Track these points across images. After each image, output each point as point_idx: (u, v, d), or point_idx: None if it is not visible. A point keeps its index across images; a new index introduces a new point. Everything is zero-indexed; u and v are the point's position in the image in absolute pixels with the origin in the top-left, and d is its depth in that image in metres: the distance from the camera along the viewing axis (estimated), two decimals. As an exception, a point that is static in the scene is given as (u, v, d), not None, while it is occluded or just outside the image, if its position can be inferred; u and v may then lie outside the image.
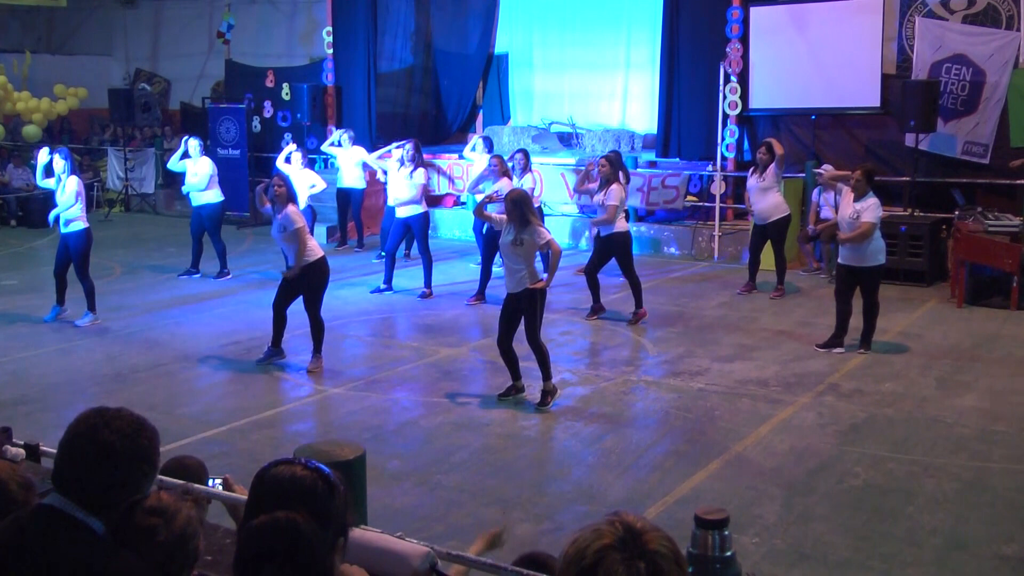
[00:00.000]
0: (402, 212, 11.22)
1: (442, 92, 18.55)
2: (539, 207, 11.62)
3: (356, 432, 6.77)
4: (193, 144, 12.40)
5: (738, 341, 9.16)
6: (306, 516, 2.07)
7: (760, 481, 5.92)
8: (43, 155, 10.14)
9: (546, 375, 7.34)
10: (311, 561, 2.04)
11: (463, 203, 15.36)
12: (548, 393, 7.32)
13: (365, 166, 13.98)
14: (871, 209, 8.46)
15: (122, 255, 14.00)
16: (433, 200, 15.15)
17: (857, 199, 8.54)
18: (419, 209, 11.19)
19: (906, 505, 5.57)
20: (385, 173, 12.34)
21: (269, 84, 17.68)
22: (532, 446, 6.66)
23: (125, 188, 18.73)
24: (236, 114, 16.97)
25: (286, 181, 8.55)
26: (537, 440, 6.77)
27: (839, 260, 8.83)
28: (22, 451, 3.47)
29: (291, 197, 8.39)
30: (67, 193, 9.60)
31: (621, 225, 10.01)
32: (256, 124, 17.47)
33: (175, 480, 3.15)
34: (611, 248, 10.00)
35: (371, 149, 14.12)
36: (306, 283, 8.23)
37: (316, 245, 8.38)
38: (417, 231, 11.38)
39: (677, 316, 10.19)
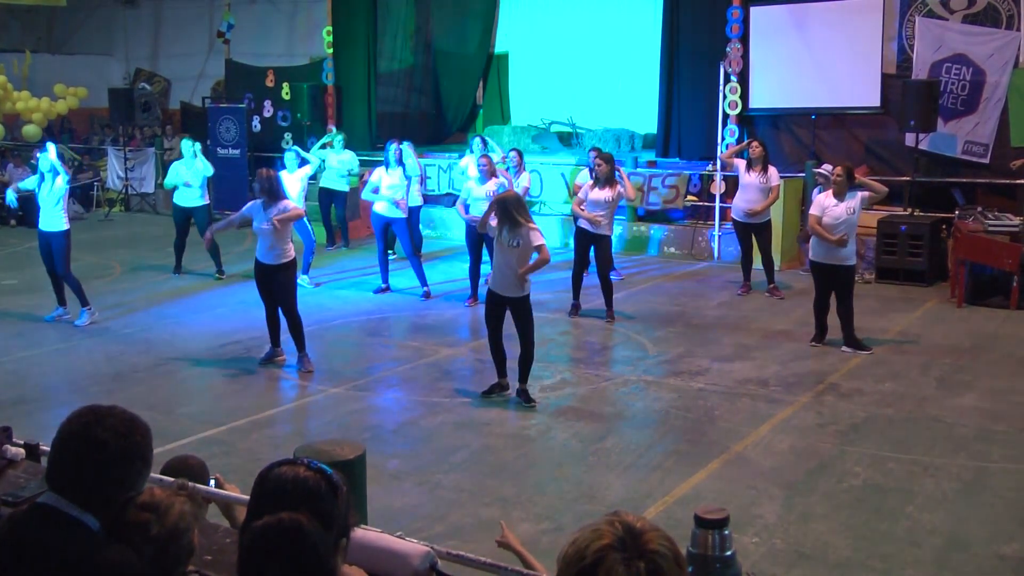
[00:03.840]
0: (381, 209, 11.06)
1: (442, 92, 18.56)
2: (539, 204, 11.65)
3: (356, 432, 6.77)
4: (187, 146, 12.38)
5: (738, 341, 9.16)
6: (309, 517, 2.06)
7: (760, 481, 5.92)
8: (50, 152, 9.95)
9: (524, 377, 7.43)
10: (315, 562, 2.04)
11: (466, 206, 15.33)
12: (526, 392, 7.41)
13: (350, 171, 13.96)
14: (861, 199, 8.61)
15: (122, 254, 14.00)
16: (434, 199, 15.16)
17: (842, 198, 8.58)
18: (399, 213, 11.00)
19: (906, 505, 5.57)
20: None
21: (269, 84, 17.68)
22: (532, 446, 6.66)
23: (125, 187, 18.73)
24: (236, 114, 16.98)
25: (278, 178, 8.51)
26: (537, 440, 6.77)
27: (816, 259, 8.79)
28: (22, 451, 3.47)
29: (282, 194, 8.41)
30: (54, 192, 9.60)
31: (609, 228, 10.09)
32: (256, 124, 17.47)
33: (172, 479, 3.15)
34: (596, 246, 10.01)
35: (371, 150, 14.10)
36: (276, 286, 8.21)
37: (291, 248, 8.33)
38: (399, 233, 11.29)
39: (677, 316, 10.19)
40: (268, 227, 8.14)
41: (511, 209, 7.28)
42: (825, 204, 8.67)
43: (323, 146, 14.03)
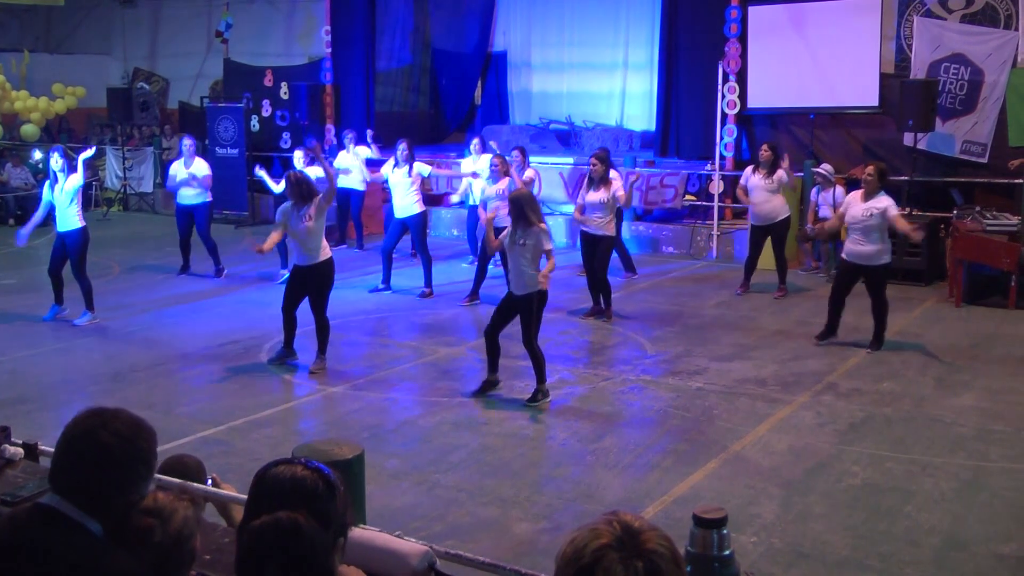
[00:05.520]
0: (399, 212, 11.22)
1: (440, 91, 18.58)
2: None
3: (355, 431, 6.77)
4: (188, 144, 12.37)
5: (736, 340, 9.16)
6: (307, 516, 2.06)
7: (758, 480, 5.93)
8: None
9: (541, 378, 7.35)
10: (312, 561, 2.04)
11: (462, 202, 15.34)
12: (540, 392, 7.33)
13: (369, 164, 13.93)
14: (894, 204, 8.55)
15: (120, 254, 13.99)
16: (432, 199, 15.16)
17: (869, 197, 8.54)
18: (416, 209, 11.17)
19: (904, 504, 5.58)
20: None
21: (267, 83, 17.67)
22: (530, 445, 6.66)
23: (123, 187, 18.72)
24: (234, 113, 16.96)
25: (308, 179, 8.52)
26: (535, 439, 6.77)
27: (845, 257, 8.78)
28: (21, 450, 3.47)
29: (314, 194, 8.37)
30: (65, 192, 9.58)
31: (610, 228, 10.03)
32: (254, 123, 17.46)
33: (173, 479, 3.15)
34: (598, 247, 10.00)
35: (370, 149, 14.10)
36: (313, 284, 8.21)
37: (326, 245, 8.35)
38: (414, 230, 11.36)
39: (675, 315, 10.19)
40: (304, 225, 8.06)
41: (525, 208, 7.31)
42: (850, 201, 8.68)
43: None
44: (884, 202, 8.49)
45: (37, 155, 17.95)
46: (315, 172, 11.69)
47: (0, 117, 18.93)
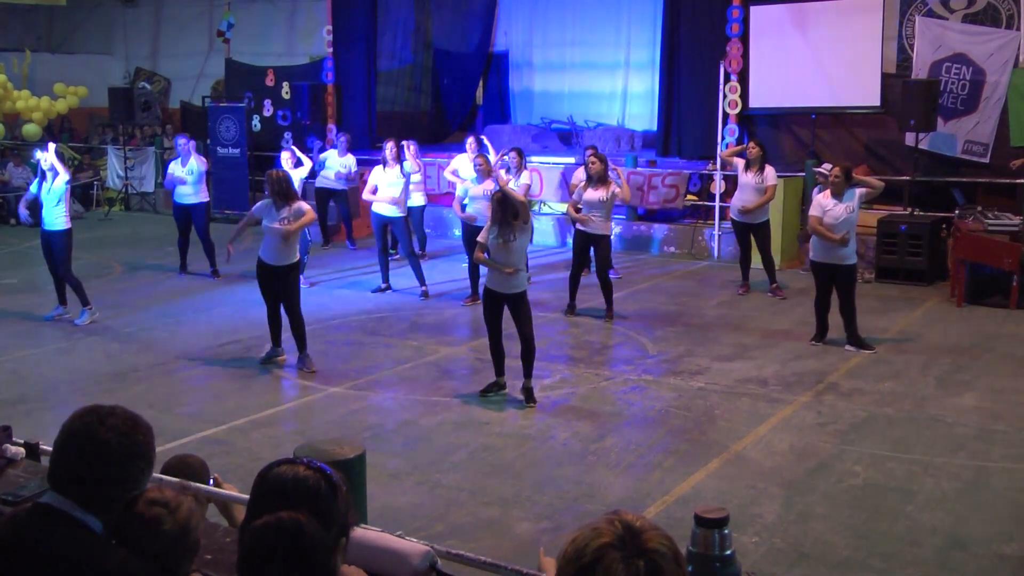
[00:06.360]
0: (381, 209, 11.05)
1: (442, 91, 18.58)
2: (539, 204, 11.66)
3: (356, 431, 6.78)
4: (182, 143, 12.34)
5: (737, 340, 9.16)
6: (309, 516, 2.07)
7: (760, 480, 5.93)
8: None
9: (528, 373, 7.40)
10: (315, 561, 2.04)
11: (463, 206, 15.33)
12: (531, 390, 7.39)
13: (349, 173, 13.94)
14: (859, 196, 8.69)
15: (122, 254, 14.00)
16: (431, 199, 15.13)
17: (840, 196, 8.60)
18: (397, 212, 11.02)
19: (906, 504, 5.58)
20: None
21: (269, 83, 17.67)
22: (531, 445, 6.66)
23: (125, 187, 18.74)
24: (236, 113, 16.96)
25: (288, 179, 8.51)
26: (536, 439, 6.77)
27: (817, 260, 8.81)
28: (22, 450, 3.47)
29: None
30: (53, 191, 9.58)
31: (607, 227, 10.09)
32: (256, 123, 17.46)
33: (173, 479, 3.16)
34: (595, 246, 10.02)
35: (370, 150, 14.07)
36: (279, 285, 8.22)
37: (298, 252, 8.39)
38: (398, 233, 11.30)
39: (676, 315, 10.19)
40: (280, 228, 8.10)
41: (507, 209, 7.30)
42: (825, 204, 8.68)
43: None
44: (856, 192, 8.67)
45: (39, 155, 17.93)
46: (299, 175, 11.72)
47: (2, 117, 18.94)
